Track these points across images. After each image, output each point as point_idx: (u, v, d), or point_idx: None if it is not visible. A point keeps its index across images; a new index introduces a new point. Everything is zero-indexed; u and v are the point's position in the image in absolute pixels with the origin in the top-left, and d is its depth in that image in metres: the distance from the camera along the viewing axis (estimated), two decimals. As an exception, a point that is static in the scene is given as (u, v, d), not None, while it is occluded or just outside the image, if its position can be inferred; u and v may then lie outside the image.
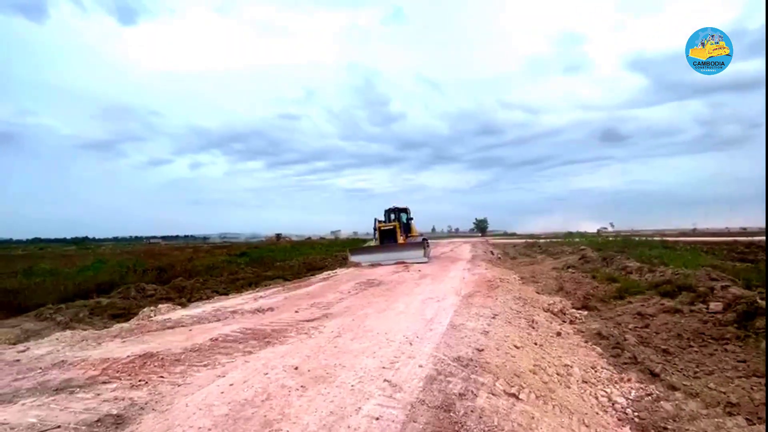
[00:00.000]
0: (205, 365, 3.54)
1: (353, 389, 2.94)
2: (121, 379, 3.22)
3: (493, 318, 5.47)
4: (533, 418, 2.72)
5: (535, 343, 4.64)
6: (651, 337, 5.35)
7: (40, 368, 3.63)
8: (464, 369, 3.39)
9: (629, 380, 3.96)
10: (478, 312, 5.77)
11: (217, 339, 4.42)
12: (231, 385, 3.05)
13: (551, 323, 5.95)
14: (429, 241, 19.20)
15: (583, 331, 5.77)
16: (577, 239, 33.23)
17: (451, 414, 2.55)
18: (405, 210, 17.90)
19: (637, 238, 27.54)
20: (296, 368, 3.39)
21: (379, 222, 16.61)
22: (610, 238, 31.91)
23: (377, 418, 2.47)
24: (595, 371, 4.19)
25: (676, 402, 3.55)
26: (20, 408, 2.72)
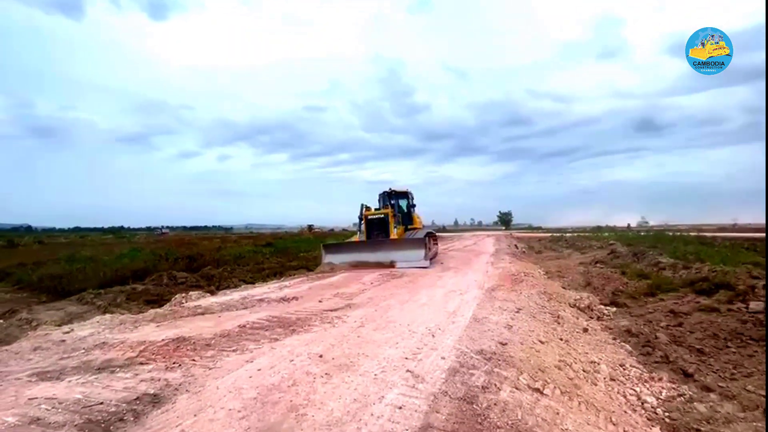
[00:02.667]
0: (234, 350, 3.67)
1: (376, 378, 2.98)
2: (156, 361, 3.40)
3: (517, 312, 5.40)
4: (558, 413, 2.69)
5: (561, 339, 4.55)
6: (684, 336, 5.14)
7: (84, 348, 3.87)
8: (487, 362, 3.38)
9: (660, 380, 3.83)
10: (501, 306, 5.71)
11: (245, 326, 4.57)
12: (259, 370, 3.16)
13: (578, 319, 5.81)
14: (437, 236, 15.72)
15: (611, 328, 5.61)
16: (606, 234, 32.13)
17: (474, 406, 2.55)
18: (405, 194, 13.98)
19: (671, 233, 26.36)
20: (321, 356, 3.47)
21: (367, 209, 12.61)
22: (642, 233, 30.72)
23: (400, 407, 2.50)
24: (624, 369, 4.07)
25: (711, 404, 3.41)
26: (67, 385, 2.92)
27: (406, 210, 13.69)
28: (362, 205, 12.57)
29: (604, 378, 3.71)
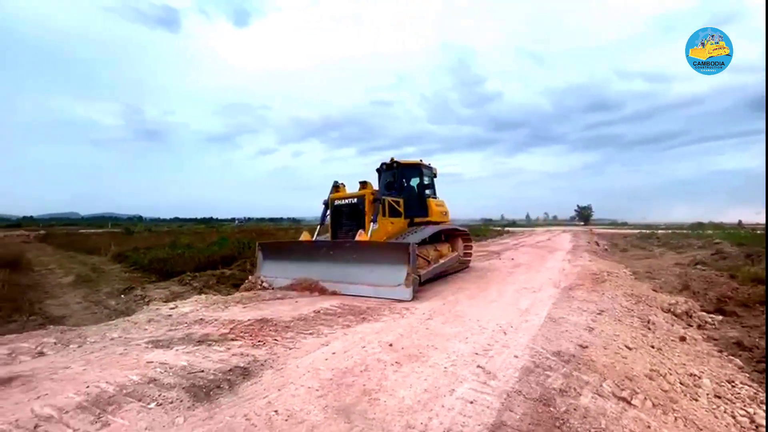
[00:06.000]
0: (310, 333, 3.93)
1: (446, 371, 2.98)
2: (244, 339, 3.76)
3: (599, 314, 4.99)
4: (649, 427, 2.44)
5: (652, 346, 4.11)
6: (816, 355, 4.31)
7: (186, 323, 4.43)
8: (565, 365, 3.18)
9: (782, 402, 3.27)
10: (580, 306, 5.31)
11: (319, 311, 4.85)
12: (333, 353, 3.34)
13: (673, 326, 5.19)
14: (470, 236, 10.08)
15: (716, 339, 4.93)
16: (709, 231, 28.03)
17: (551, 409, 2.43)
18: (417, 169, 8.78)
19: (798, 232, 22.10)
20: (390, 345, 3.56)
21: (338, 189, 7.92)
22: (759, 232, 26.26)
23: (471, 402, 2.47)
24: (733, 386, 3.55)
25: None
26: (175, 353, 3.37)
27: (417, 193, 8.80)
28: (335, 183, 7.96)
29: (707, 394, 3.28)
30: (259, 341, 3.69)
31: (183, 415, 2.27)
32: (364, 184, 7.45)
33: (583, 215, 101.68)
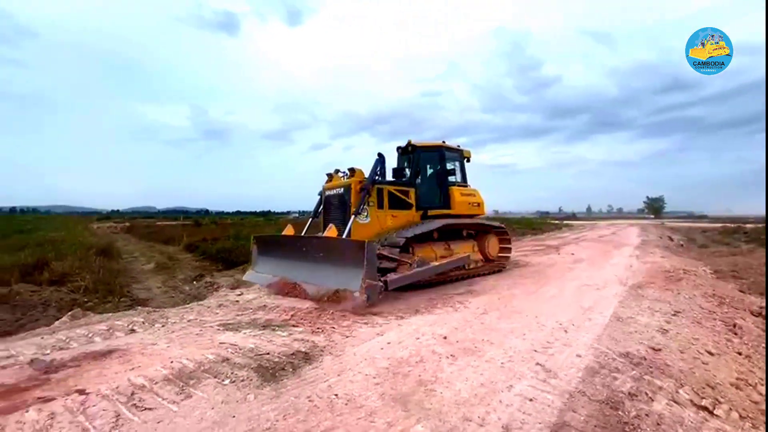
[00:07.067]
0: (365, 323, 4.04)
1: (503, 366, 2.93)
2: (304, 325, 3.97)
3: (674, 315, 4.57)
4: (736, 440, 2.22)
5: (739, 353, 3.70)
6: None
7: (251, 309, 4.76)
8: (635, 367, 2.98)
9: None
10: (651, 306, 4.91)
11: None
12: (388, 343, 3.42)
13: (764, 331, 4.62)
14: (506, 230, 8.58)
15: (820, 348, 4.30)
16: (813, 225, 24.27)
17: (620, 413, 2.29)
18: (438, 150, 7.64)
19: None
20: (445, 338, 3.56)
21: (332, 178, 7.00)
22: None
23: (531, 400, 2.41)
24: (843, 403, 3.10)
25: None
26: (243, 336, 3.65)
27: (437, 181, 7.60)
28: (335, 171, 7.02)
29: (809, 409, 2.89)
30: (317, 328, 3.87)
31: (253, 392, 2.46)
32: (352, 172, 6.40)
33: (654, 207, 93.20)
